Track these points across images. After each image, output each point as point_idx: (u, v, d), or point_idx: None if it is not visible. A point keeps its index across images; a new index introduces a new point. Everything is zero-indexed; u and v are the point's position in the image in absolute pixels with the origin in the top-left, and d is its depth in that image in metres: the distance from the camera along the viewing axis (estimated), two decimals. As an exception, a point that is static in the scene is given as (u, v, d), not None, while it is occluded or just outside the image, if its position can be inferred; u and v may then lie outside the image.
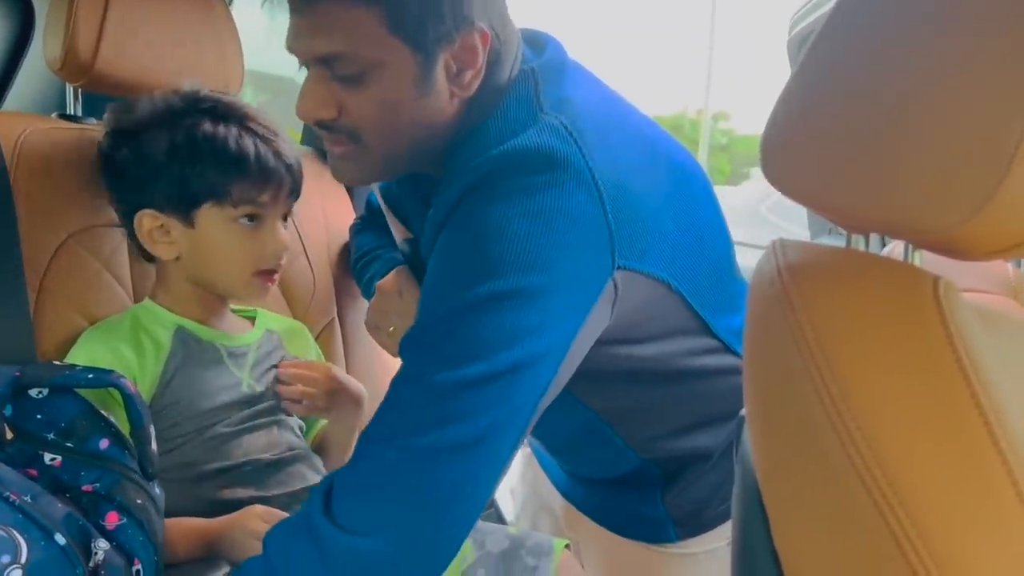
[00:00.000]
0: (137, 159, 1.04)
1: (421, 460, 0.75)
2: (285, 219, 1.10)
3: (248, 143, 1.03)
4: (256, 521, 0.94)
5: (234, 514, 0.97)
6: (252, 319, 1.19)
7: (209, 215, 1.03)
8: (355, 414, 1.16)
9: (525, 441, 1.23)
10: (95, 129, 1.18)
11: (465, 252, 0.80)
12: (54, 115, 1.27)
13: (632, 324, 0.89)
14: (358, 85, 0.84)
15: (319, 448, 1.19)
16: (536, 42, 0.97)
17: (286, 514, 0.95)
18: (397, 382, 0.80)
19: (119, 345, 1.02)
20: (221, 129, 1.03)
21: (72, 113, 1.27)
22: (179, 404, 1.01)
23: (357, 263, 1.30)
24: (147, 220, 1.05)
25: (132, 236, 1.08)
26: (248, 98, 1.54)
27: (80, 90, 1.24)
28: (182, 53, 1.19)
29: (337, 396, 1.14)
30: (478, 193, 0.82)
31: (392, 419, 0.78)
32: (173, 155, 1.02)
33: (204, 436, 1.02)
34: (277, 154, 1.05)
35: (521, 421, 0.79)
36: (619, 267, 0.82)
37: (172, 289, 1.09)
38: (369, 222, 1.31)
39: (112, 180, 1.08)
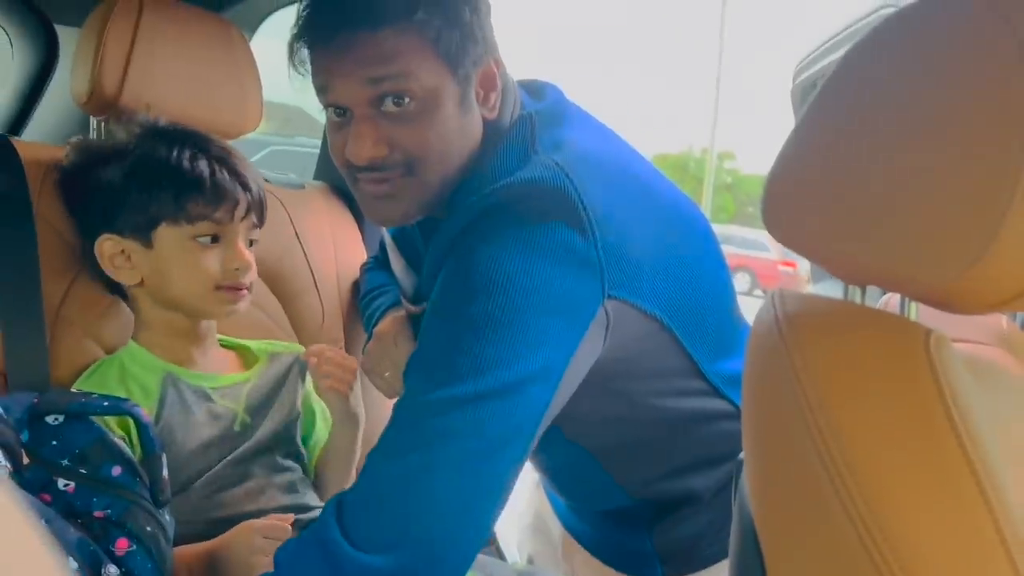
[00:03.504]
0: (98, 188, 1.08)
1: (419, 476, 0.77)
2: (251, 245, 1.12)
3: (201, 163, 1.06)
4: (254, 537, 0.95)
5: (229, 532, 0.97)
6: (246, 352, 1.20)
7: (166, 234, 1.05)
8: (356, 425, 1.18)
9: (531, 466, 1.24)
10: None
11: (458, 284, 0.84)
12: (76, 146, 1.30)
13: (624, 359, 0.90)
14: (409, 118, 0.86)
15: (321, 469, 1.20)
16: (537, 91, 1.00)
17: (284, 524, 0.96)
18: (398, 404, 0.83)
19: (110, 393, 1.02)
20: (175, 153, 1.06)
21: (94, 145, 1.29)
22: (168, 451, 1.01)
23: (363, 299, 1.32)
24: (107, 246, 1.07)
25: (94, 267, 1.09)
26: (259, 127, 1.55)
27: (103, 123, 1.27)
28: (203, 89, 1.23)
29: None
30: (472, 233, 0.85)
31: (391, 436, 0.81)
32: (131, 180, 1.05)
33: (197, 483, 1.03)
34: (232, 172, 1.08)
35: (519, 443, 0.81)
36: (609, 296, 0.84)
37: (150, 325, 1.10)
38: (382, 262, 1.33)
39: (75, 212, 1.12)
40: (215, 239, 1.07)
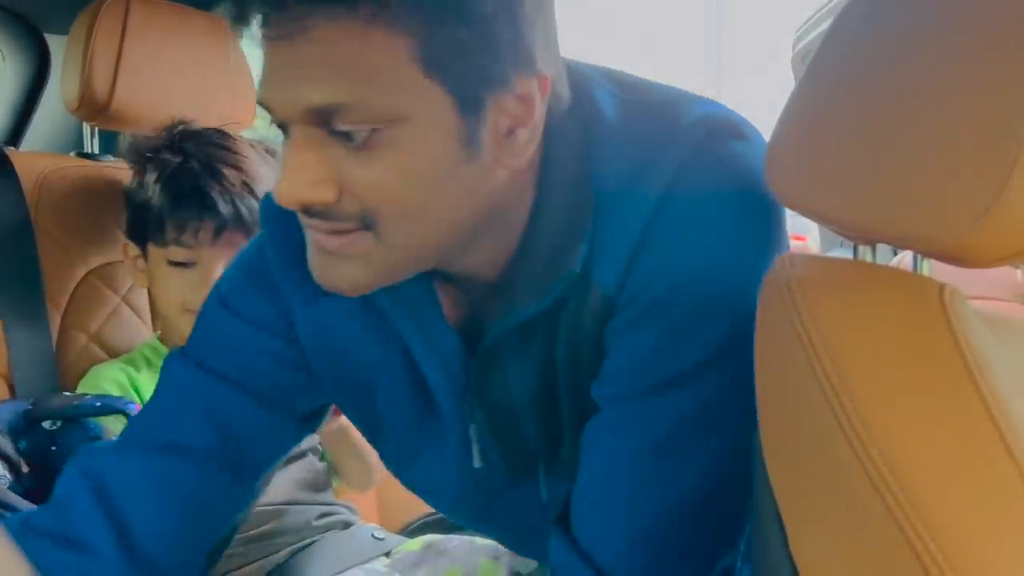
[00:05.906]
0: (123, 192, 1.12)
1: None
2: None
3: (182, 180, 1.03)
4: None
5: None
6: None
7: (154, 253, 1.07)
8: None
9: None
10: (112, 166, 1.20)
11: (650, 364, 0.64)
12: (72, 153, 1.29)
13: None
14: (371, 149, 0.56)
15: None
16: None
17: None
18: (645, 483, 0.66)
19: (132, 372, 1.04)
20: (166, 158, 1.06)
21: (90, 151, 1.29)
22: None
23: None
24: (128, 248, 1.10)
25: None
26: (262, 130, 1.56)
27: (96, 128, 1.26)
28: (194, 88, 1.22)
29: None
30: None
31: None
32: (132, 189, 1.08)
33: None
34: (220, 193, 1.03)
35: None
36: None
37: (165, 321, 1.12)
38: None
39: None
40: (189, 264, 1.04)
